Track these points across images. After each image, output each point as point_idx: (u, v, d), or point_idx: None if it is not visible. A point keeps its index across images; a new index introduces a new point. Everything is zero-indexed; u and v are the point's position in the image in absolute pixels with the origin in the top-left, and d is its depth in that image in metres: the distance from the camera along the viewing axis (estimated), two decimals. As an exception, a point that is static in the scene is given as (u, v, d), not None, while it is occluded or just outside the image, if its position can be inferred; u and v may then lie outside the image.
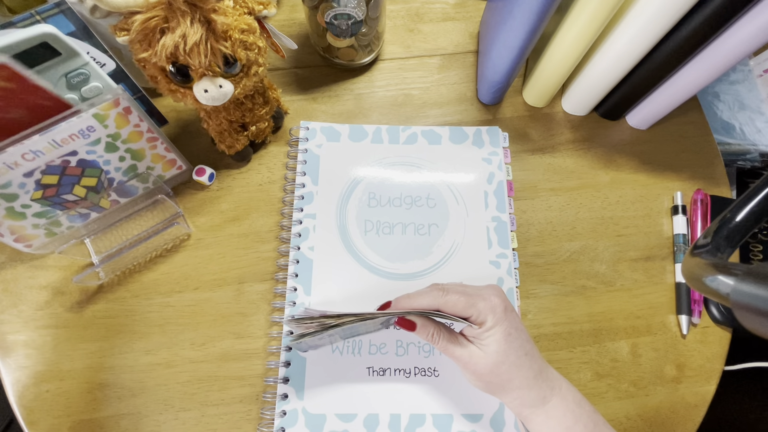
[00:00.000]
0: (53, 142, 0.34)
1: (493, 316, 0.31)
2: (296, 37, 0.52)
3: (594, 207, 0.46)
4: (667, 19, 0.36)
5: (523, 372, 0.31)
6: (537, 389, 0.31)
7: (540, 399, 0.31)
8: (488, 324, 0.31)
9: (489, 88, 0.47)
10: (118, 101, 0.35)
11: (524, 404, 0.32)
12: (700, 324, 0.42)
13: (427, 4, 0.55)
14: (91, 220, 0.41)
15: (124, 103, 0.35)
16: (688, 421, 0.39)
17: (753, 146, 0.57)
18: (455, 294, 0.32)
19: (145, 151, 0.40)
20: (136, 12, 0.29)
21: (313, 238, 0.42)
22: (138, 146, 0.39)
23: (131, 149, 0.39)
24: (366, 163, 0.46)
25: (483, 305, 0.31)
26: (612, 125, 0.50)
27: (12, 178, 0.34)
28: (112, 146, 0.37)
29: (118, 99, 0.35)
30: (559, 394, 0.31)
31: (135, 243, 0.40)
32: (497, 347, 0.31)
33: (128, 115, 0.36)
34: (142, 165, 0.41)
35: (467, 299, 0.31)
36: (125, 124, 0.37)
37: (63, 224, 0.40)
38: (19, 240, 0.38)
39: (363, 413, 0.37)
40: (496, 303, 0.32)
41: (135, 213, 0.42)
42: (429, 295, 0.32)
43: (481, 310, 0.31)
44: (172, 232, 0.42)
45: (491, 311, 0.31)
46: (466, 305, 0.31)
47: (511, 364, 0.31)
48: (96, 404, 0.38)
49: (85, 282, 0.40)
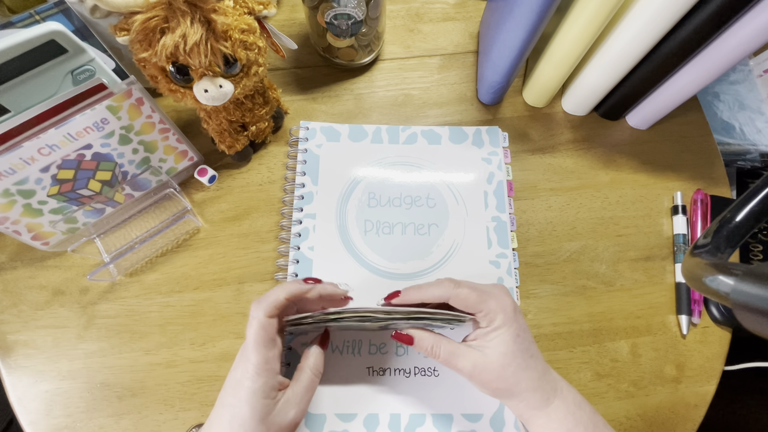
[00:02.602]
0: (69, 135, 0.34)
1: (504, 315, 0.31)
2: (296, 37, 0.52)
3: (594, 207, 0.46)
4: (666, 19, 0.36)
5: (529, 373, 0.31)
6: (541, 391, 0.31)
7: (543, 401, 0.31)
8: (497, 323, 0.31)
9: (489, 88, 0.47)
10: (131, 92, 0.35)
11: (529, 406, 0.31)
12: (700, 324, 0.42)
13: (427, 4, 0.55)
14: (104, 217, 0.41)
15: (136, 94, 0.35)
16: (688, 421, 0.39)
17: (753, 146, 0.57)
18: (467, 288, 0.31)
19: (158, 143, 0.40)
20: (136, 12, 0.29)
21: (312, 238, 0.42)
22: (151, 138, 0.39)
23: (144, 141, 0.39)
24: (366, 163, 0.46)
25: (494, 303, 0.31)
26: (612, 125, 0.50)
27: (29, 174, 0.34)
28: (126, 138, 0.37)
29: (130, 90, 0.35)
30: (560, 396, 0.31)
31: (145, 239, 0.40)
32: (505, 348, 0.30)
33: (140, 107, 0.36)
34: (155, 157, 0.41)
35: (479, 295, 0.31)
36: (138, 116, 0.37)
37: (79, 220, 0.40)
38: (36, 238, 0.38)
39: (363, 413, 0.37)
40: (507, 303, 0.31)
41: (143, 210, 0.42)
42: (441, 286, 0.32)
43: (491, 308, 0.31)
44: (182, 227, 0.42)
45: (502, 310, 0.31)
46: (478, 300, 0.31)
47: (518, 366, 0.30)
48: (96, 404, 0.38)
49: (98, 280, 0.40)
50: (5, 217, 0.35)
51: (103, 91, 0.35)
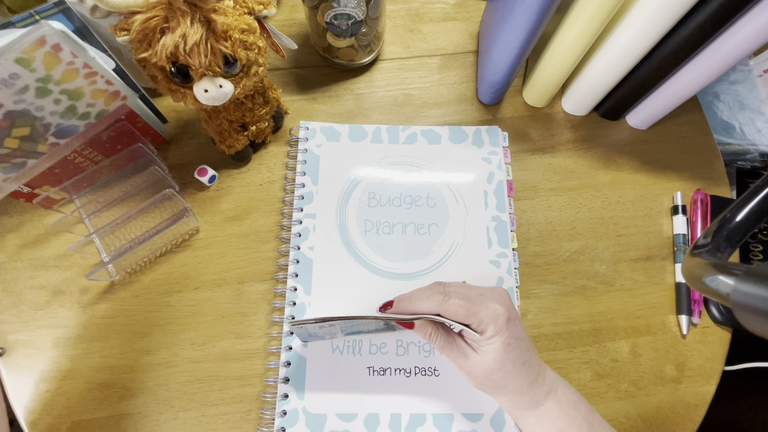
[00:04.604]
0: None
1: (495, 326, 0.30)
2: (296, 37, 0.52)
3: (594, 207, 0.46)
4: (666, 19, 0.36)
5: (518, 380, 0.31)
6: (530, 395, 0.31)
7: (533, 403, 0.31)
8: (488, 333, 0.30)
9: (489, 88, 0.47)
10: (44, 39, 0.30)
11: (516, 407, 0.32)
12: (700, 324, 0.42)
13: (427, 4, 0.55)
14: (30, 167, 0.37)
15: (52, 41, 0.30)
16: (688, 421, 0.39)
17: (753, 146, 0.57)
18: (457, 299, 0.31)
19: (84, 89, 0.35)
20: (136, 12, 0.29)
21: (313, 238, 0.42)
22: (74, 85, 0.34)
23: (67, 90, 0.34)
24: (366, 163, 0.46)
25: (485, 314, 0.30)
26: (612, 125, 0.50)
27: None
28: (44, 90, 0.33)
29: (43, 37, 0.30)
30: (554, 398, 0.31)
31: (144, 239, 0.40)
32: (494, 355, 0.30)
33: (58, 53, 0.31)
34: (81, 104, 0.36)
35: (469, 307, 0.31)
36: (56, 64, 0.32)
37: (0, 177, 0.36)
38: None
39: (363, 413, 0.37)
40: (499, 312, 0.31)
41: (143, 210, 0.42)
42: (430, 299, 0.32)
43: (482, 319, 0.30)
44: (181, 227, 0.42)
45: (493, 320, 0.30)
46: (467, 314, 0.30)
47: (506, 372, 0.31)
48: (96, 404, 0.38)
49: (97, 279, 0.40)
50: None
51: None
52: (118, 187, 0.44)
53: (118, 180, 0.43)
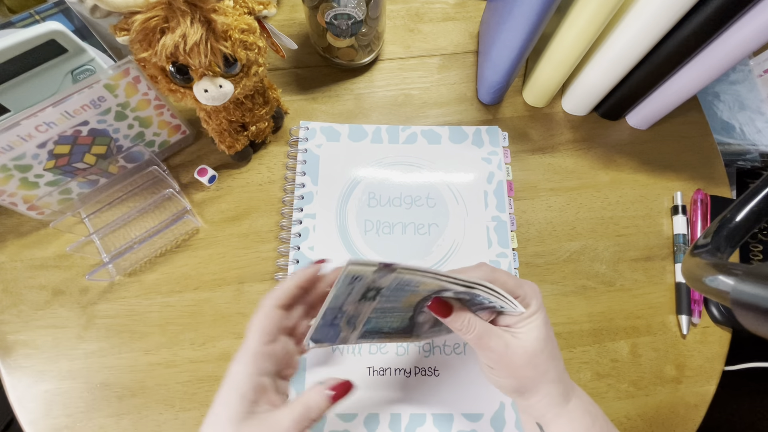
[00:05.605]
0: (66, 113, 0.35)
1: (537, 301, 0.30)
2: (296, 37, 0.52)
3: (594, 207, 0.46)
4: (666, 19, 0.36)
5: (558, 363, 0.30)
6: (563, 384, 0.30)
7: (564, 396, 0.30)
8: (533, 308, 0.30)
9: (489, 88, 0.47)
10: (128, 71, 0.36)
11: (552, 402, 0.30)
12: (700, 324, 0.42)
13: (427, 4, 0.55)
14: (93, 190, 0.42)
15: (133, 73, 0.36)
16: (688, 421, 0.39)
17: (753, 146, 0.57)
18: (504, 273, 0.31)
19: (153, 118, 0.41)
20: (136, 12, 0.29)
21: (312, 238, 0.42)
22: (146, 114, 0.40)
23: (139, 117, 0.40)
24: (366, 163, 0.46)
25: (528, 289, 0.30)
26: (612, 125, 0.50)
27: (26, 150, 0.35)
28: (122, 115, 0.38)
29: (128, 69, 0.35)
30: (576, 392, 0.31)
31: (144, 239, 0.41)
32: (538, 334, 0.29)
33: (137, 84, 0.37)
34: (149, 131, 0.42)
35: (515, 280, 0.30)
36: (134, 93, 0.38)
37: (73, 191, 0.41)
38: (32, 209, 0.40)
39: (363, 413, 0.37)
40: (537, 290, 0.31)
41: (143, 210, 0.42)
42: (479, 269, 0.31)
43: (527, 293, 0.30)
44: (181, 227, 0.42)
45: (535, 296, 0.30)
46: (515, 285, 0.30)
47: (549, 353, 0.29)
48: (96, 404, 0.38)
49: (97, 279, 0.40)
50: (2, 190, 0.36)
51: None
52: (118, 187, 0.44)
53: (118, 180, 0.43)
